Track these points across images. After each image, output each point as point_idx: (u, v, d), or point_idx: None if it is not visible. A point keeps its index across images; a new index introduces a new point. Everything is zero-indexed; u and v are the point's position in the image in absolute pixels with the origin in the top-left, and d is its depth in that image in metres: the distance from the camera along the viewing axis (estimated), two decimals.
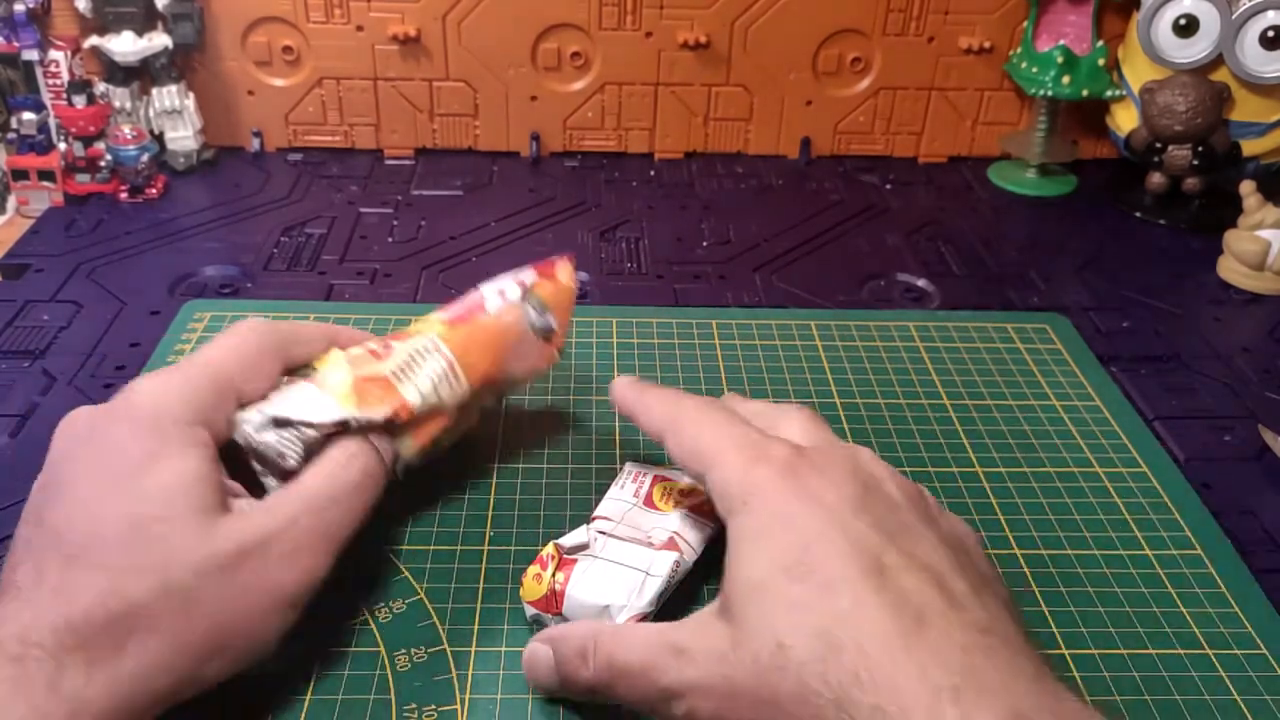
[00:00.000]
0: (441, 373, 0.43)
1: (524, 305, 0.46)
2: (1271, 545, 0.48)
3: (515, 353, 0.46)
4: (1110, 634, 0.42)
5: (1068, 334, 0.62)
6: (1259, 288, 0.68)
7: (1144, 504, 0.49)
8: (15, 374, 0.56)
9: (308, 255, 0.69)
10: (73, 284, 0.64)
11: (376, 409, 0.41)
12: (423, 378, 0.42)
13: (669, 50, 0.80)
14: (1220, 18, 0.72)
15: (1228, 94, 0.73)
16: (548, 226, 0.74)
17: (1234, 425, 0.55)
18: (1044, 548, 0.47)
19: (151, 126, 0.77)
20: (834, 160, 0.85)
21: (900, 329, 0.62)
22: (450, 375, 0.43)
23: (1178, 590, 0.45)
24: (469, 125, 0.82)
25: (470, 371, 0.44)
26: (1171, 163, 0.75)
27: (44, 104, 0.73)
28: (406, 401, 0.42)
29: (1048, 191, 0.81)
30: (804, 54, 0.81)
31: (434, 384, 0.43)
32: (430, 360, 0.43)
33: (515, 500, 0.48)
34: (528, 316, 0.46)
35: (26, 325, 0.60)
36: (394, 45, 0.78)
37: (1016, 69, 0.80)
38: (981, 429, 0.54)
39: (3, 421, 0.53)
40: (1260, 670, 0.41)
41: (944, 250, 0.72)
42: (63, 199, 0.73)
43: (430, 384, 0.43)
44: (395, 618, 0.42)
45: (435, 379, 0.43)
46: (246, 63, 0.79)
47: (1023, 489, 0.50)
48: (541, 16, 0.78)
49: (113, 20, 0.73)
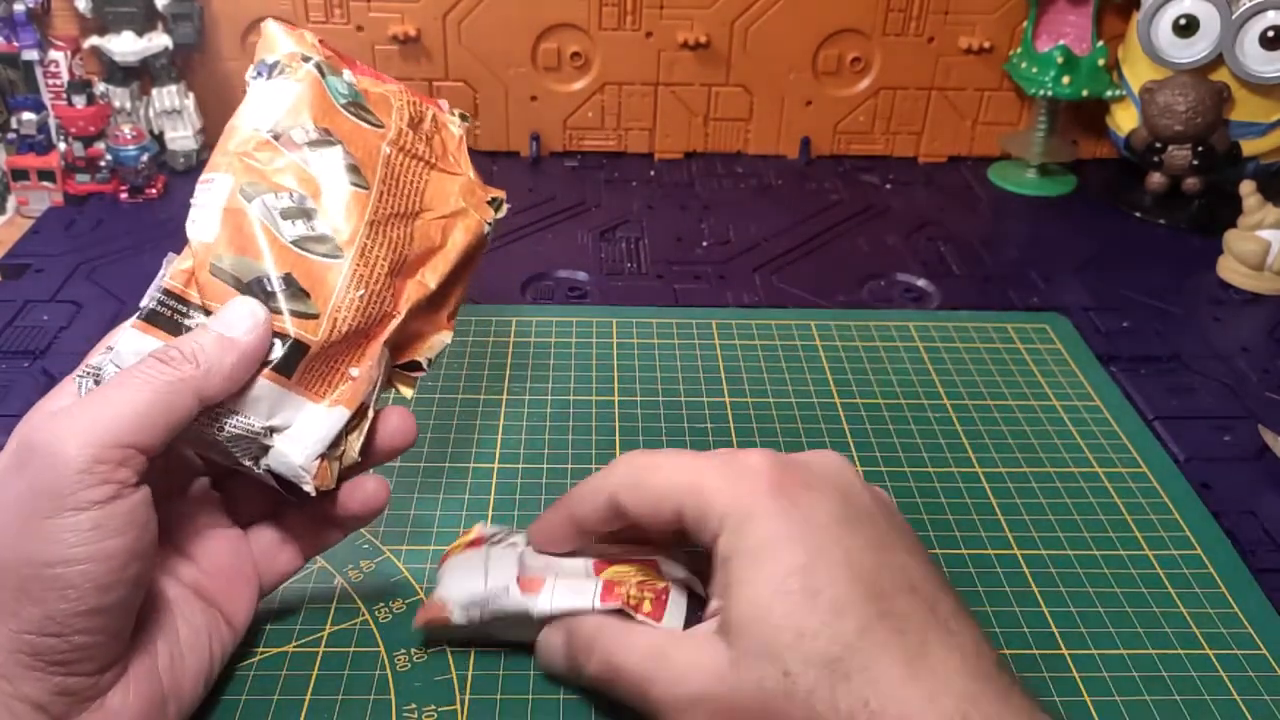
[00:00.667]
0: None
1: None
2: (1271, 545, 0.48)
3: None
4: (1110, 634, 0.42)
5: (1068, 334, 0.62)
6: (1259, 288, 0.68)
7: (1144, 504, 0.49)
8: (15, 374, 0.56)
9: None
10: (73, 284, 0.64)
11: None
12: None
13: (669, 50, 0.80)
14: (1220, 18, 0.72)
15: (1228, 94, 0.73)
16: (548, 226, 0.73)
17: (1234, 425, 0.55)
18: (1044, 548, 0.47)
19: (151, 126, 0.77)
20: (834, 160, 0.85)
21: (900, 329, 0.62)
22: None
23: (1178, 590, 0.45)
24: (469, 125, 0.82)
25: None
26: (1171, 163, 0.75)
27: (44, 104, 0.73)
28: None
29: (1048, 191, 0.81)
30: (804, 54, 0.81)
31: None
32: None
33: (515, 500, 0.48)
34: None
35: (26, 325, 0.60)
36: (394, 45, 0.78)
37: (1016, 69, 0.80)
38: (981, 429, 0.54)
39: (3, 422, 0.53)
40: (1260, 670, 0.41)
41: (944, 250, 0.72)
42: (63, 199, 0.73)
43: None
44: (395, 618, 0.42)
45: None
46: (246, 63, 0.78)
47: (1023, 489, 0.50)
48: (541, 16, 0.78)
49: (113, 20, 0.73)
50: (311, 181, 0.37)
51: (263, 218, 0.36)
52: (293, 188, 0.36)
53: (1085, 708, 0.39)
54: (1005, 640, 0.42)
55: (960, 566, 0.45)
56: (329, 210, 0.37)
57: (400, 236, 0.38)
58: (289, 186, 0.36)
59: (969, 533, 0.47)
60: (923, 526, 0.47)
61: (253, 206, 0.36)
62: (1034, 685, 0.38)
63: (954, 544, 0.47)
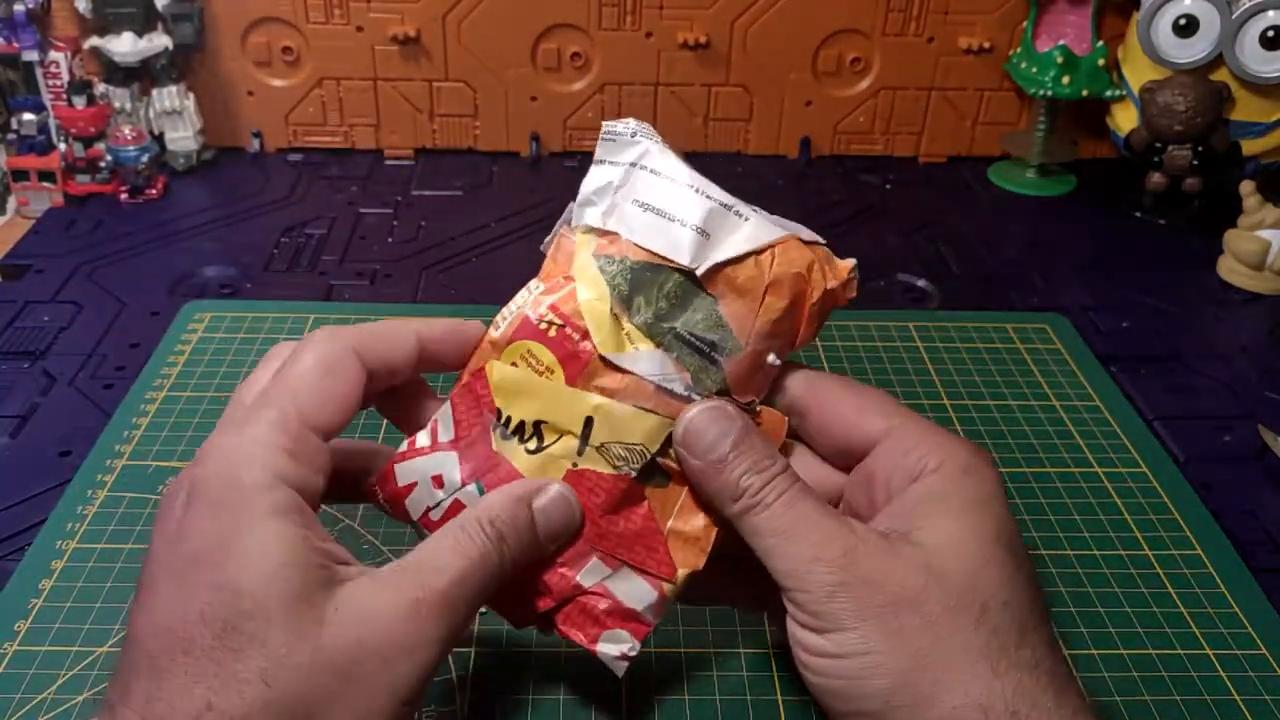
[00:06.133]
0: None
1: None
2: (1271, 545, 0.48)
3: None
4: (1110, 634, 0.42)
5: (1068, 334, 0.62)
6: (1259, 288, 0.68)
7: (1144, 504, 0.49)
8: (15, 374, 0.56)
9: (308, 256, 0.69)
10: (73, 284, 0.64)
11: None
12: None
13: (669, 50, 0.80)
14: (1220, 18, 0.72)
15: (1228, 94, 0.73)
16: (548, 227, 0.73)
17: (1234, 425, 0.55)
18: (1044, 548, 0.47)
19: (151, 127, 0.77)
20: (834, 160, 0.85)
21: (900, 329, 0.62)
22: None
23: (1178, 590, 0.45)
24: (469, 125, 0.82)
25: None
26: (1171, 163, 0.75)
27: (44, 105, 0.73)
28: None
29: (1048, 191, 0.81)
30: (804, 54, 0.81)
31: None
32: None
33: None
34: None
35: (27, 326, 0.60)
36: (394, 45, 0.78)
37: (1016, 69, 0.80)
38: (981, 429, 0.54)
39: (3, 422, 0.53)
40: (1260, 670, 0.41)
41: (944, 250, 0.72)
42: (63, 199, 0.73)
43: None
44: None
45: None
46: (246, 63, 0.79)
47: (1023, 489, 0.50)
48: (541, 16, 0.78)
49: (113, 21, 0.73)
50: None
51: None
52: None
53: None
54: None
55: None
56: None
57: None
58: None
59: None
60: None
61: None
62: None
63: None
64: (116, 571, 0.44)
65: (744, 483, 0.33)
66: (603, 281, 0.34)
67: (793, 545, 0.32)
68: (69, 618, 0.42)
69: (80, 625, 0.41)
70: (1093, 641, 0.42)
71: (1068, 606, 0.44)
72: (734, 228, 0.34)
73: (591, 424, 0.34)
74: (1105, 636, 0.42)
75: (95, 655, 0.40)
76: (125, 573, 0.44)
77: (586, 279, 0.35)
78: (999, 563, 0.32)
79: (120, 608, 0.42)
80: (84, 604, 0.42)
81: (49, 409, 0.54)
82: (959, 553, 0.32)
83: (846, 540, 0.32)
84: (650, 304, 0.34)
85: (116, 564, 0.44)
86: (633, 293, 0.34)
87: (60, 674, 0.39)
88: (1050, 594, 0.44)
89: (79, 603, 0.42)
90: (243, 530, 0.30)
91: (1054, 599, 0.44)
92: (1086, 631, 0.43)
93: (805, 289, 0.35)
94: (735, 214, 0.35)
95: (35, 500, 0.48)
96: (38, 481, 0.49)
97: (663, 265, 0.34)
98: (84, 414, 0.53)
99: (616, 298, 0.34)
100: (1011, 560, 0.32)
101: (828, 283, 0.35)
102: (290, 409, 0.32)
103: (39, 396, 0.55)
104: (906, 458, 0.34)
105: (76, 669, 0.40)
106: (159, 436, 0.51)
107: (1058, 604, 0.44)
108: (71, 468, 0.50)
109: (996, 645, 0.30)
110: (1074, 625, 0.43)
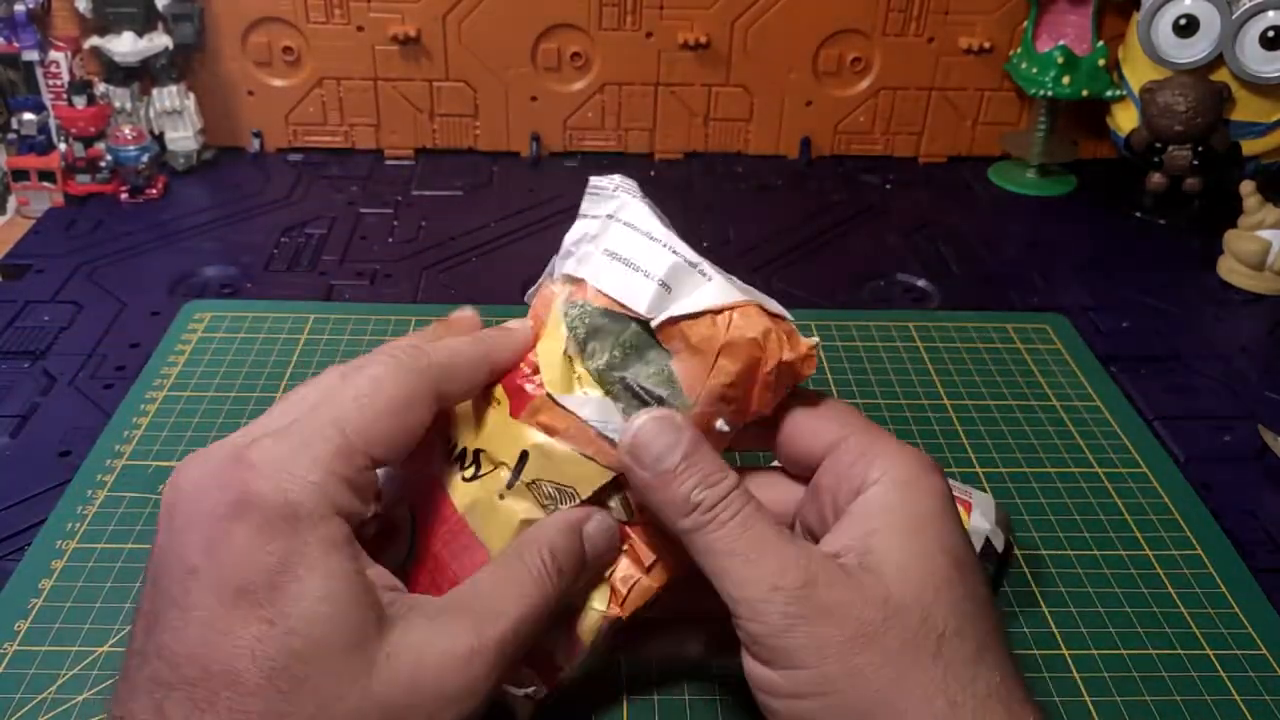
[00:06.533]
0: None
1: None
2: (1271, 545, 0.48)
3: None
4: (1110, 634, 0.42)
5: (1068, 334, 0.62)
6: (1259, 288, 0.68)
7: (1144, 504, 0.49)
8: (15, 374, 0.56)
9: (308, 256, 0.69)
10: (73, 284, 0.64)
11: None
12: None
13: (669, 50, 0.80)
14: (1220, 18, 0.72)
15: (1228, 94, 0.73)
16: (548, 227, 0.73)
17: (1234, 425, 0.55)
18: (1044, 548, 0.47)
19: (152, 127, 0.77)
20: (834, 160, 0.85)
21: (900, 329, 0.62)
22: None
23: (1178, 590, 0.45)
24: (469, 125, 0.82)
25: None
26: (1171, 163, 0.75)
27: (44, 104, 0.73)
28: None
29: (1048, 191, 0.81)
30: (804, 54, 0.81)
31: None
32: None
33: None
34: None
35: (27, 325, 0.60)
36: (394, 45, 0.78)
37: (1016, 69, 0.80)
38: (981, 429, 0.54)
39: (3, 422, 0.53)
40: (1260, 670, 0.41)
41: (944, 250, 0.72)
42: (63, 199, 0.73)
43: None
44: None
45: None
46: (246, 63, 0.79)
47: (1023, 489, 0.50)
48: (541, 16, 0.78)
49: (113, 20, 0.73)
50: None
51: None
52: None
53: (1085, 708, 0.39)
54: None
55: None
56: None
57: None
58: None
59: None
60: None
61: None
62: (1034, 685, 0.38)
63: None
64: (116, 571, 0.44)
65: (695, 497, 0.32)
66: (563, 324, 0.35)
67: (750, 570, 0.31)
68: (69, 618, 0.42)
69: (80, 625, 0.41)
70: (1093, 641, 0.42)
71: (1068, 606, 0.44)
72: (696, 285, 0.34)
73: (526, 459, 0.34)
74: (1105, 636, 0.42)
75: (95, 655, 0.40)
76: (125, 573, 0.44)
77: (550, 322, 0.35)
78: (950, 584, 0.31)
79: (120, 608, 0.42)
80: (84, 604, 0.42)
81: (49, 409, 0.54)
82: (910, 579, 0.31)
83: (806, 569, 0.30)
84: (605, 351, 0.34)
85: (116, 564, 0.44)
86: (589, 338, 0.34)
87: (60, 674, 0.39)
88: (1051, 594, 0.44)
89: (79, 603, 0.42)
90: (297, 565, 0.29)
91: (1054, 599, 0.44)
92: (1086, 631, 0.43)
93: (760, 356, 0.34)
94: (700, 273, 0.35)
95: (35, 500, 0.48)
96: (38, 481, 0.49)
97: (622, 314, 0.34)
98: (84, 414, 0.53)
99: (573, 340, 0.34)
100: (961, 578, 0.31)
101: (784, 354, 0.34)
102: (358, 439, 0.31)
103: (39, 396, 0.55)
104: (851, 469, 0.33)
105: (76, 669, 0.40)
106: (159, 436, 0.52)
107: (1058, 604, 0.44)
108: (71, 468, 0.50)
109: (953, 678, 0.29)
110: (1074, 625, 0.43)
